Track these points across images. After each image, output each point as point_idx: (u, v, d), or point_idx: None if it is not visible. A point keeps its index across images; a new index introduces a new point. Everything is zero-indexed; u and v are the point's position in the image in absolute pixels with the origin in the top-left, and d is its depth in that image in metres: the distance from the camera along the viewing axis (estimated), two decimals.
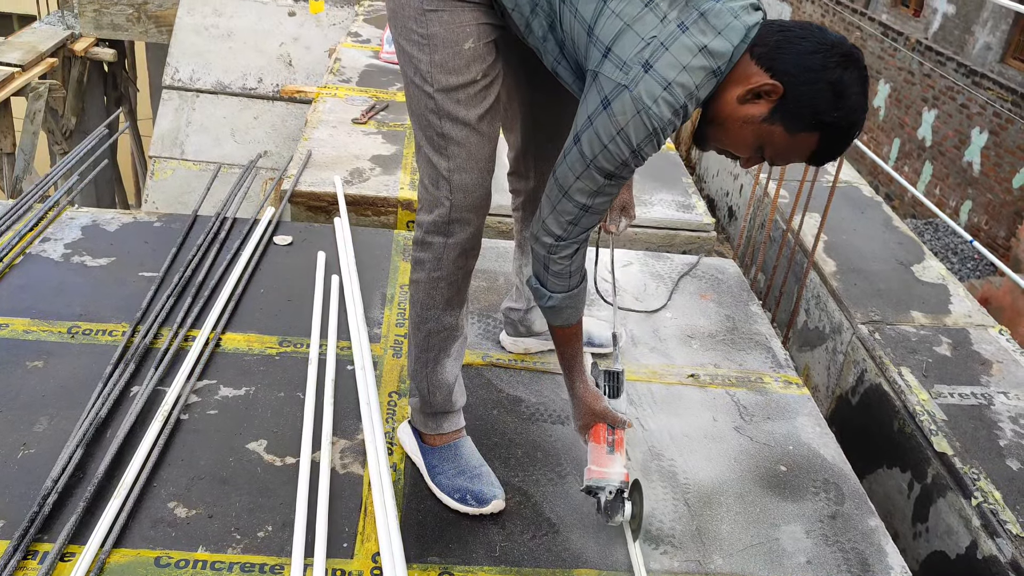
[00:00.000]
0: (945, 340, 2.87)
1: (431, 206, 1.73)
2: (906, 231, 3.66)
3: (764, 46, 1.46)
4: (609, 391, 1.95)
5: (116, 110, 7.38)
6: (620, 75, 1.46)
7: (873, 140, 9.71)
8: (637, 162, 1.53)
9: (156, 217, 2.96)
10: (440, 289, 1.80)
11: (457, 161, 1.67)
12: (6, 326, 2.31)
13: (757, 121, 1.48)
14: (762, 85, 1.44)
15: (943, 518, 2.35)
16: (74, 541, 1.71)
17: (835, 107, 1.43)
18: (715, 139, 1.57)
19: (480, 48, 1.63)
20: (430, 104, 1.65)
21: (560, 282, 1.72)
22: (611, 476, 1.82)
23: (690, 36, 1.44)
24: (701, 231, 3.47)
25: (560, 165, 1.60)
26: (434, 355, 1.88)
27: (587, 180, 1.56)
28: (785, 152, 1.52)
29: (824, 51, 1.42)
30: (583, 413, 1.89)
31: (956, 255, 6.74)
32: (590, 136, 1.51)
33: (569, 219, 1.62)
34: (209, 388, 2.18)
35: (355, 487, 1.94)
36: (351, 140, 3.80)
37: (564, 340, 1.85)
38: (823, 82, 1.42)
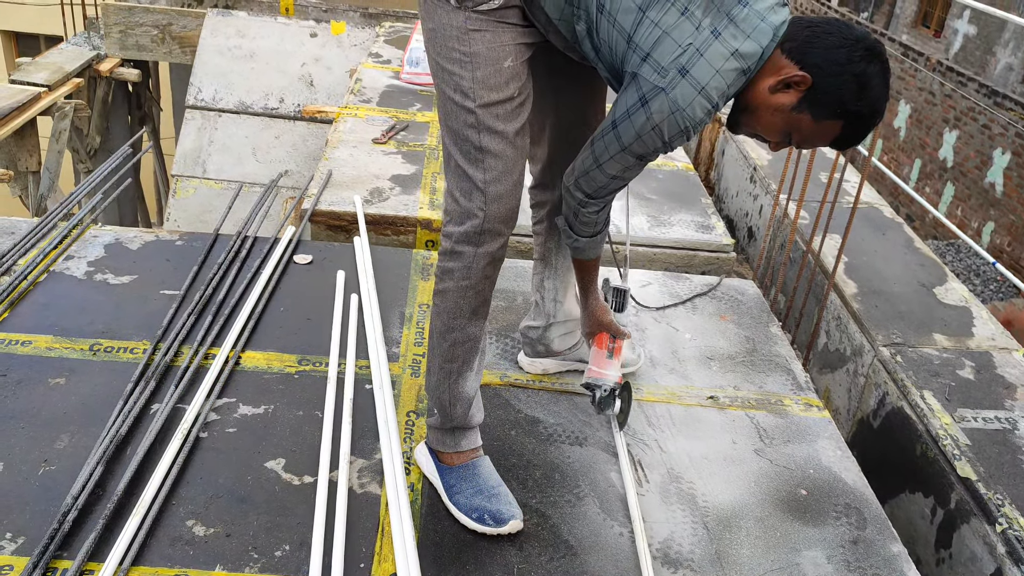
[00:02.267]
0: (968, 363, 2.84)
1: (462, 218, 1.78)
2: (928, 253, 3.63)
3: (794, 41, 1.60)
4: (615, 305, 2.26)
5: (140, 130, 7.47)
6: (658, 78, 1.60)
7: (894, 161, 9.66)
8: (667, 151, 1.71)
9: (178, 235, 2.99)
10: (468, 298, 1.84)
11: (494, 173, 1.75)
12: (29, 343, 2.33)
13: (787, 109, 1.63)
14: (792, 76, 1.59)
15: (967, 544, 2.31)
16: (93, 559, 1.71)
17: (859, 97, 1.58)
18: (747, 124, 1.72)
19: (517, 67, 1.74)
20: (470, 119, 1.72)
21: (587, 229, 1.95)
22: (607, 377, 2.16)
23: (722, 42, 1.58)
24: (720, 252, 3.45)
25: (598, 141, 1.77)
26: (458, 366, 1.89)
27: (620, 160, 1.75)
28: (811, 137, 1.66)
29: (849, 45, 1.57)
30: (591, 322, 2.20)
31: (978, 277, 6.68)
32: (627, 127, 1.68)
33: (600, 185, 1.83)
34: (228, 406, 2.19)
35: (372, 507, 1.93)
36: (371, 160, 3.83)
37: (584, 268, 2.11)
38: (848, 74, 1.56)
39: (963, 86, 8.54)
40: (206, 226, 5.11)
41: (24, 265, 2.65)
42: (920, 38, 9.78)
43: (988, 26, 8.60)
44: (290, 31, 6.33)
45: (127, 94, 7.67)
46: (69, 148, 6.64)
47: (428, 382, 1.95)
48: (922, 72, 9.15)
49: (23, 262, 2.69)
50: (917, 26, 10.15)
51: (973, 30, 8.78)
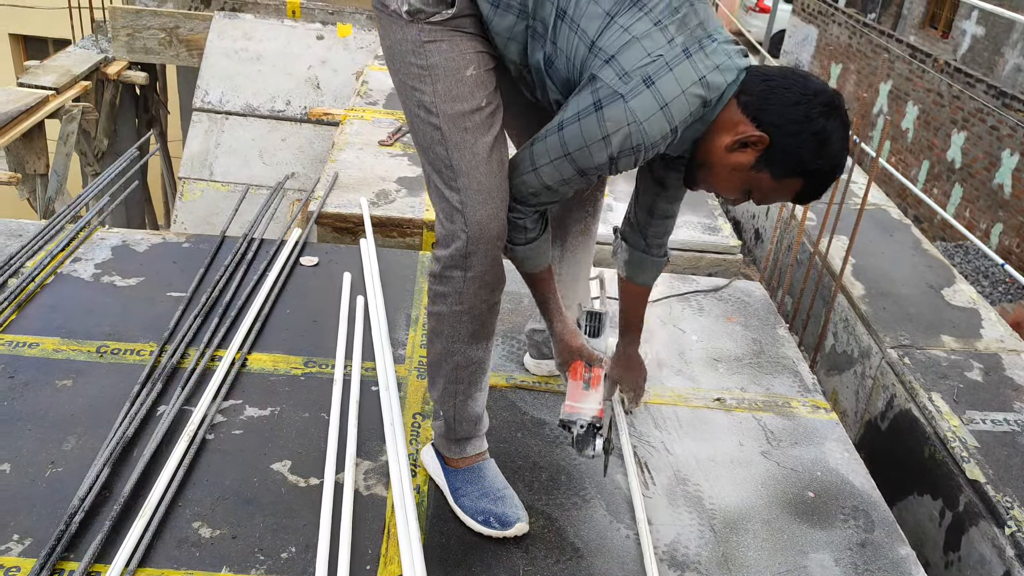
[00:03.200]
0: (977, 365, 2.82)
1: (447, 240, 1.71)
2: (936, 254, 3.61)
3: (750, 95, 1.53)
4: (589, 330, 2.04)
5: (147, 132, 7.50)
6: (619, 83, 1.48)
7: (902, 162, 9.64)
8: (612, 171, 1.58)
9: (185, 238, 3.00)
10: (464, 323, 1.78)
11: (469, 193, 1.65)
12: (37, 345, 2.34)
13: (745, 169, 1.56)
14: (749, 136, 1.52)
15: (976, 547, 2.30)
16: (100, 560, 1.72)
17: (819, 155, 1.51)
18: (704, 181, 1.65)
19: (482, 74, 1.65)
20: (436, 136, 1.65)
21: (517, 235, 1.76)
22: (583, 411, 1.85)
23: (693, 64, 1.50)
24: (727, 253, 3.45)
25: (538, 142, 1.63)
26: (464, 387, 1.85)
27: (559, 167, 1.61)
28: (771, 194, 1.60)
29: (807, 101, 1.50)
30: (561, 350, 1.95)
31: (987, 278, 6.64)
32: (574, 131, 1.54)
33: (531, 191, 1.68)
34: (235, 408, 2.20)
35: (378, 509, 1.93)
36: (377, 162, 3.83)
37: (533, 284, 1.90)
38: (807, 133, 1.50)
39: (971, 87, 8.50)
40: (213, 228, 5.12)
41: (32, 267, 2.66)
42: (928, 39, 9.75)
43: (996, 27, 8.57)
44: (296, 34, 6.35)
45: (134, 97, 7.70)
46: (77, 151, 6.66)
47: (432, 393, 1.92)
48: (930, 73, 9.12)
49: (31, 264, 2.70)
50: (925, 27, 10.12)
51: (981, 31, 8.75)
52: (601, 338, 2.03)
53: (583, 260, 2.26)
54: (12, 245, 2.81)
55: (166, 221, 8.82)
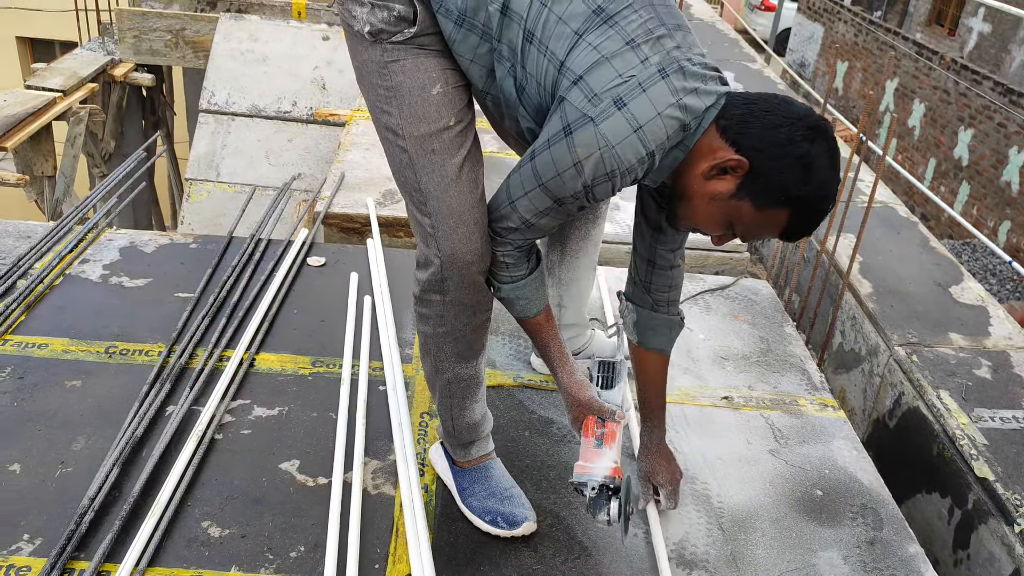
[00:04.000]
0: (985, 363, 2.82)
1: (425, 264, 1.67)
2: (943, 252, 3.60)
3: (729, 119, 1.43)
4: (602, 382, 1.84)
5: (154, 134, 7.52)
6: (587, 106, 1.39)
7: (908, 160, 9.61)
8: (588, 200, 1.48)
9: (192, 238, 3.01)
10: (448, 344, 1.76)
11: (439, 217, 1.60)
12: (46, 346, 2.35)
13: (725, 197, 1.45)
14: (727, 160, 1.41)
15: (985, 545, 2.29)
16: (110, 560, 1.72)
17: (803, 182, 1.39)
18: (684, 217, 1.54)
19: (450, 92, 1.59)
20: (404, 158, 1.60)
21: (501, 272, 1.66)
22: (595, 471, 1.68)
23: (669, 84, 1.39)
24: (734, 252, 3.44)
25: (513, 174, 1.55)
26: (458, 400, 1.85)
27: (535, 199, 1.52)
28: (755, 228, 1.48)
29: (790, 124, 1.39)
30: (570, 404, 1.78)
31: (995, 276, 6.62)
32: (545, 160, 1.46)
33: (510, 226, 1.59)
34: (243, 408, 2.20)
35: (387, 508, 1.93)
36: (383, 162, 3.82)
37: (531, 330, 1.78)
38: (790, 157, 1.38)
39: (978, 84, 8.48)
40: (220, 229, 5.13)
41: (40, 268, 2.67)
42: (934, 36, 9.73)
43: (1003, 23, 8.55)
44: (302, 35, 6.36)
45: (141, 99, 7.73)
46: (84, 153, 6.68)
47: (433, 399, 1.92)
48: (936, 71, 9.10)
49: (39, 265, 2.71)
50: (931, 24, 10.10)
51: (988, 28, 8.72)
52: (615, 389, 1.83)
53: (584, 263, 2.24)
54: (21, 247, 2.82)
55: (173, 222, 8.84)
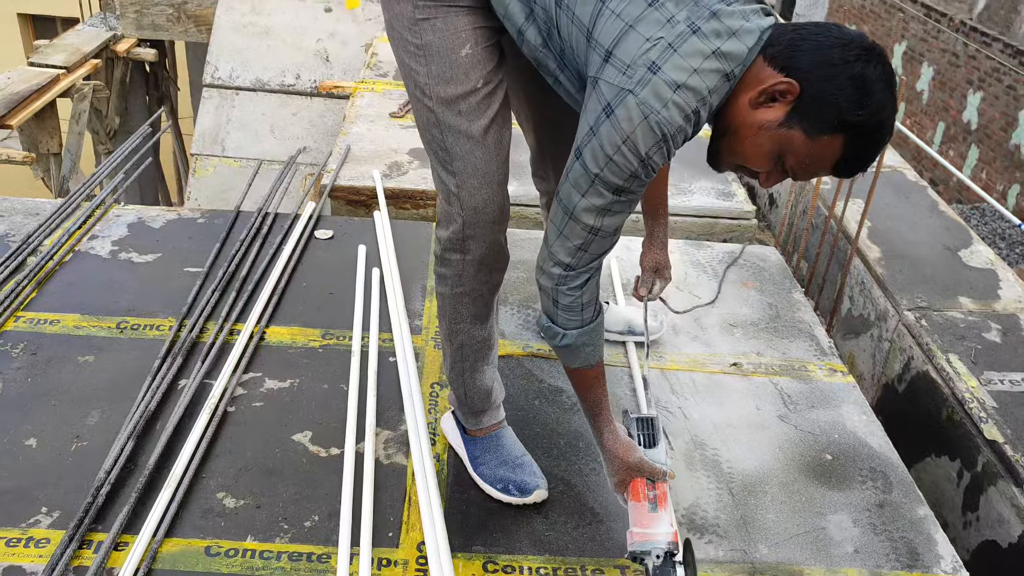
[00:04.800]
0: (995, 326, 2.81)
1: (447, 222, 1.68)
2: (952, 215, 3.58)
3: (777, 46, 1.35)
4: (644, 440, 1.75)
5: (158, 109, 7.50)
6: (623, 79, 1.34)
7: (917, 124, 9.53)
8: (647, 173, 1.40)
9: (199, 213, 3.01)
10: (465, 304, 1.77)
11: (464, 177, 1.60)
12: (57, 322, 2.36)
13: (773, 127, 1.35)
14: (776, 85, 1.33)
15: (994, 507, 2.31)
16: (127, 531, 1.75)
17: (859, 105, 1.30)
18: (729, 152, 1.43)
19: (479, 53, 1.56)
20: (431, 118, 1.59)
21: (572, 317, 1.58)
22: (657, 538, 1.61)
23: (702, 37, 1.33)
24: (742, 219, 3.43)
25: (563, 184, 1.47)
26: (470, 364, 1.87)
27: (594, 198, 1.43)
28: (808, 161, 1.37)
29: (843, 45, 1.31)
30: (617, 468, 1.70)
31: (1004, 240, 6.58)
32: (593, 148, 1.39)
33: (578, 244, 1.49)
34: (255, 381, 2.22)
35: (399, 477, 1.95)
36: (389, 134, 3.82)
37: (585, 384, 1.69)
38: (843, 77, 1.30)
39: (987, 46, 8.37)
40: (227, 204, 5.13)
41: (50, 245, 2.68)
42: None
43: None
44: (305, 6, 6.31)
45: (144, 74, 7.70)
46: (89, 129, 6.68)
47: (444, 367, 1.94)
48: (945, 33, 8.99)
49: (49, 242, 2.72)
50: None
51: None
52: (658, 448, 1.74)
53: None
54: (30, 224, 2.83)
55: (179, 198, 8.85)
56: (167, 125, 6.16)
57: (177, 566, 1.70)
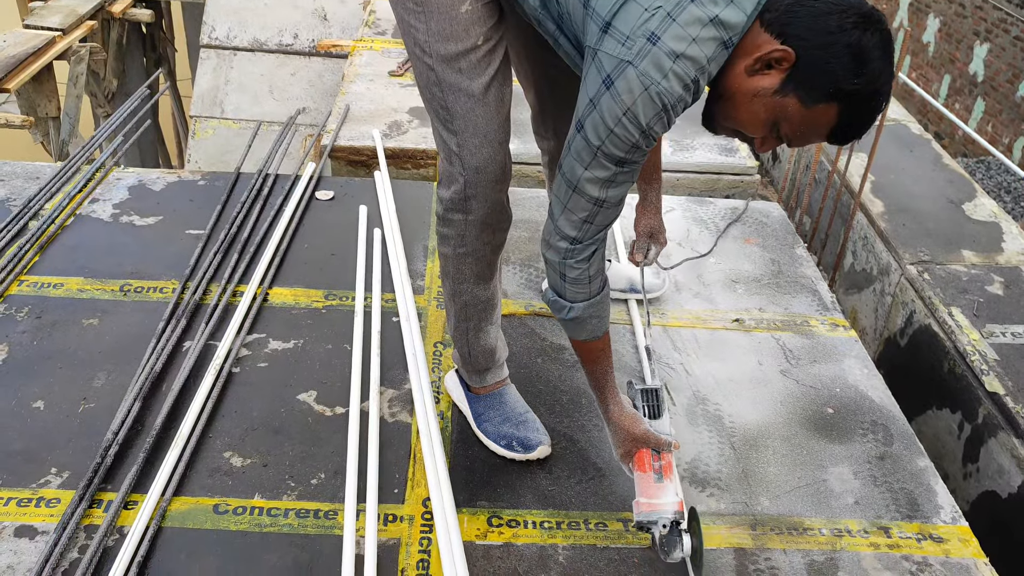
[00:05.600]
0: (997, 279, 2.81)
1: (448, 181, 1.68)
2: (957, 168, 3.56)
3: (774, 11, 1.33)
4: (649, 411, 1.78)
5: (156, 71, 7.44)
6: (623, 50, 1.33)
7: (922, 77, 9.43)
8: (648, 143, 1.41)
9: (200, 175, 3.00)
10: (468, 264, 1.78)
11: (464, 136, 1.60)
12: (61, 285, 2.37)
13: (769, 94, 1.35)
14: (772, 52, 1.32)
15: (994, 458, 2.32)
16: (136, 490, 1.77)
17: (855, 73, 1.29)
18: (725, 117, 1.43)
19: (479, 10, 1.54)
20: (432, 76, 1.58)
21: (580, 290, 1.58)
22: (663, 508, 1.64)
23: (700, 6, 1.32)
24: (744, 175, 3.41)
25: (565, 157, 1.47)
26: (474, 323, 1.87)
27: (597, 169, 1.43)
28: (802, 128, 1.37)
29: (840, 12, 1.29)
30: (623, 439, 1.72)
31: (1009, 194, 6.55)
32: (594, 121, 1.38)
33: (583, 216, 1.49)
34: (258, 342, 2.23)
35: (404, 435, 1.97)
36: (388, 93, 3.79)
37: (591, 356, 1.70)
38: (840, 45, 1.29)
39: None
40: (226, 166, 5.11)
41: (51, 209, 2.68)
42: None
43: None
44: None
45: (141, 36, 7.62)
46: (87, 92, 6.62)
47: (447, 327, 1.95)
48: None
49: (50, 206, 2.72)
50: None
51: None
52: (663, 418, 1.77)
53: None
54: (30, 188, 2.82)
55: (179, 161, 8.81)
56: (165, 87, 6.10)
57: (186, 523, 1.72)
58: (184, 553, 1.67)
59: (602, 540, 1.76)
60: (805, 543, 1.79)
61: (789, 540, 1.79)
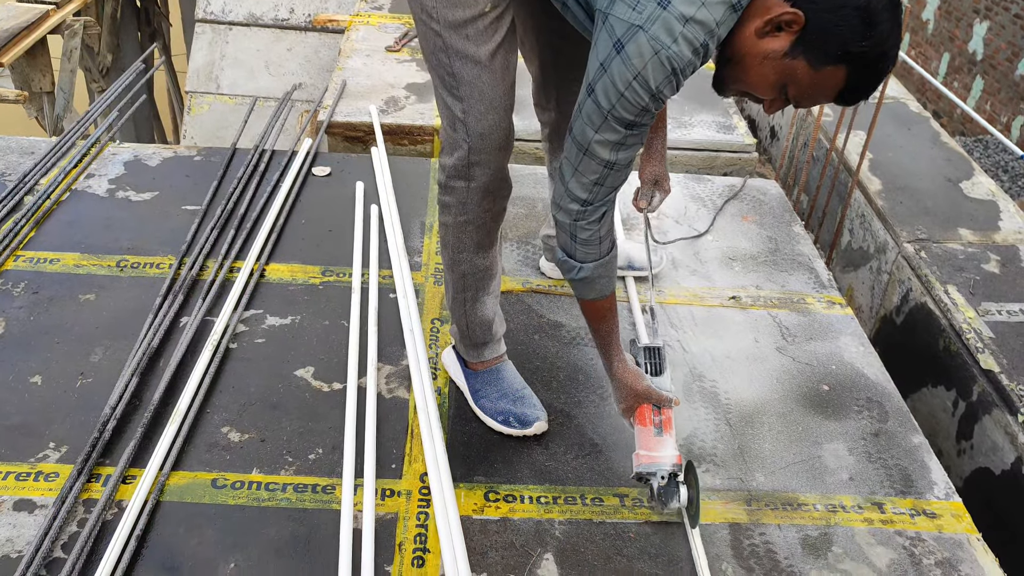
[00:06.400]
0: (994, 257, 2.81)
1: (451, 148, 1.68)
2: (955, 147, 3.55)
3: None
4: (651, 368, 1.84)
5: (151, 46, 7.38)
6: (633, 15, 1.35)
7: (921, 55, 9.39)
8: (657, 106, 1.43)
9: (196, 151, 2.99)
10: (468, 233, 1.78)
11: (470, 102, 1.61)
12: (57, 260, 2.37)
13: (778, 56, 1.36)
14: (782, 15, 1.33)
15: (988, 435, 2.34)
16: (134, 465, 1.78)
17: (863, 36, 1.31)
18: (734, 80, 1.45)
19: None
20: (438, 42, 1.59)
21: (590, 250, 1.62)
22: (662, 460, 1.70)
23: None
24: (742, 152, 3.40)
25: (576, 120, 1.49)
26: (472, 294, 1.88)
27: (607, 133, 1.46)
28: (810, 90, 1.40)
29: None
30: (625, 395, 1.78)
31: (1007, 172, 6.54)
32: (605, 85, 1.40)
33: (594, 179, 1.52)
34: (256, 318, 2.23)
35: (401, 411, 1.98)
36: (385, 68, 3.77)
37: (598, 315, 1.74)
38: (849, 7, 1.30)
39: None
40: (222, 142, 5.08)
41: (46, 184, 2.67)
42: None
43: None
44: None
45: (136, 9, 7.55)
46: (81, 67, 6.57)
47: (447, 302, 1.95)
48: None
49: (45, 181, 2.70)
50: None
51: None
52: (664, 376, 1.83)
53: None
54: (25, 163, 2.81)
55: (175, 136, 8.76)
56: (160, 62, 6.04)
57: (184, 498, 1.73)
58: (183, 527, 1.68)
59: (598, 515, 1.78)
60: (800, 518, 1.81)
61: (784, 515, 1.81)
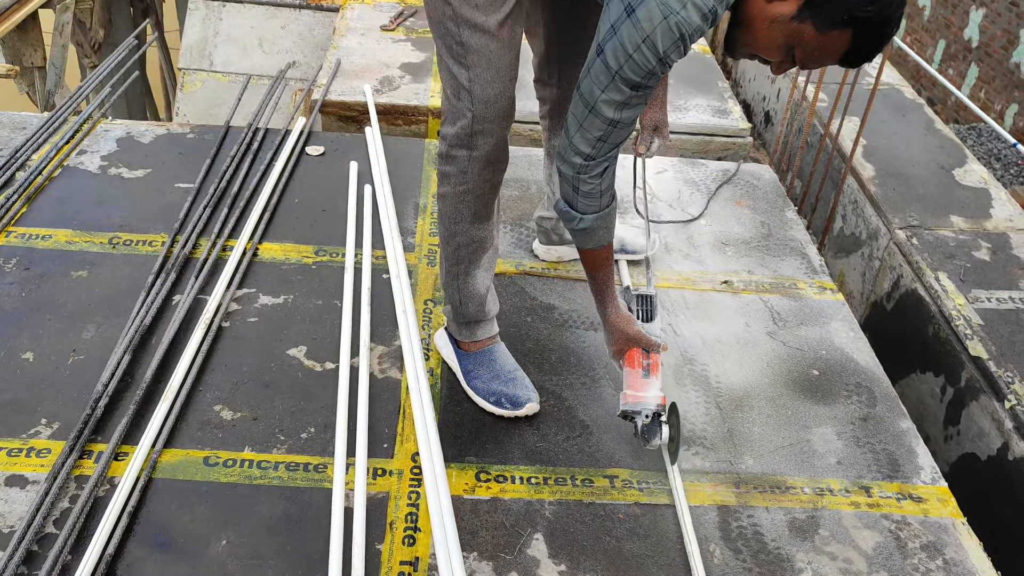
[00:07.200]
0: (985, 244, 2.83)
1: (454, 118, 1.70)
2: (948, 134, 3.56)
3: None
4: (642, 315, 1.93)
5: (143, 21, 7.31)
6: None
7: (917, 42, 9.38)
8: (664, 70, 1.47)
9: (189, 129, 2.97)
10: (467, 203, 1.80)
11: (477, 71, 1.63)
12: (49, 237, 2.36)
13: (786, 20, 1.40)
14: None
15: (975, 421, 2.36)
16: (126, 442, 1.78)
17: (868, 0, 1.34)
18: (744, 43, 1.49)
19: None
20: (448, 11, 1.60)
21: (591, 202, 1.67)
22: (647, 400, 1.80)
23: None
24: (737, 137, 3.41)
25: (584, 79, 1.53)
26: (464, 267, 1.89)
27: (613, 92, 1.49)
28: (816, 53, 1.43)
29: None
30: (616, 338, 1.87)
31: (999, 161, 6.55)
32: (614, 46, 1.44)
33: (598, 135, 1.57)
34: (248, 296, 2.23)
35: (393, 391, 1.98)
36: (380, 48, 3.75)
37: (595, 264, 1.81)
38: None
39: None
40: (215, 120, 5.05)
41: (38, 160, 2.65)
42: None
43: None
44: None
45: None
46: (73, 42, 6.51)
47: (440, 278, 1.96)
48: None
49: (37, 157, 2.69)
50: None
51: None
52: (655, 322, 1.93)
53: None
54: (17, 138, 2.79)
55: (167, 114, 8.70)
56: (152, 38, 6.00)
57: (176, 475, 1.74)
58: (175, 504, 1.68)
59: (588, 496, 1.79)
60: (787, 501, 1.82)
61: (772, 498, 1.83)
